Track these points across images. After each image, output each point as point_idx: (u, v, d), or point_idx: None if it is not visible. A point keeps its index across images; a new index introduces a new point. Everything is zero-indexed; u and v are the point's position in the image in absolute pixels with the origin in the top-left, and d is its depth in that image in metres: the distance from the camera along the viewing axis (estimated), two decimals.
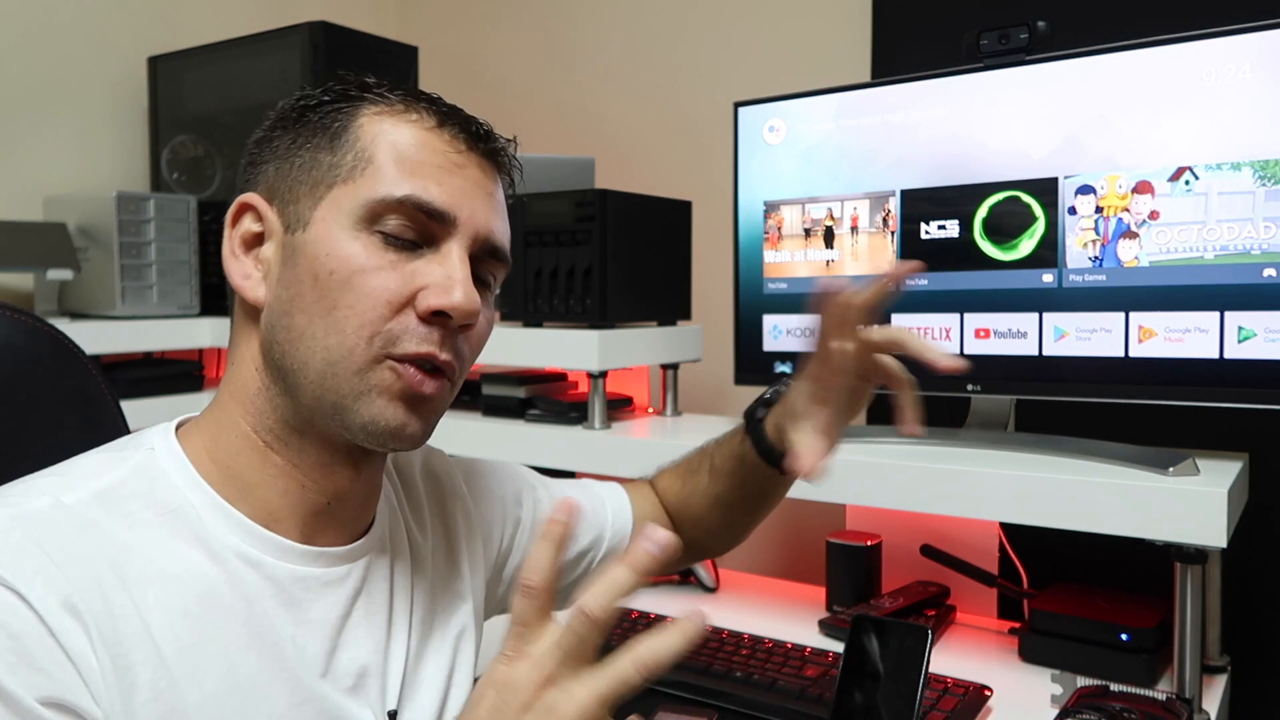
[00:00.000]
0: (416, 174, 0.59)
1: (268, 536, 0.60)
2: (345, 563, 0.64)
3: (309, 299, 0.59)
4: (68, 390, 0.78)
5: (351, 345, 0.58)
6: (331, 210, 0.59)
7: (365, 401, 0.59)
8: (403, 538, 0.71)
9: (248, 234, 0.62)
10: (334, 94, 0.62)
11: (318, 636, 0.61)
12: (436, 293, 0.59)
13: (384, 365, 0.59)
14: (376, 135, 0.60)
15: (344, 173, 0.60)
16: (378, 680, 0.65)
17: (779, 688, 1.00)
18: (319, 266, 0.58)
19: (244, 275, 0.62)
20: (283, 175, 0.62)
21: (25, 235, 1.50)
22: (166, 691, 0.54)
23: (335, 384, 0.58)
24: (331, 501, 0.63)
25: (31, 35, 1.65)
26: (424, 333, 0.59)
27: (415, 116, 0.61)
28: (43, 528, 0.53)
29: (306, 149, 0.61)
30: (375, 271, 0.58)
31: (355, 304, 0.58)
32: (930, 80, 1.19)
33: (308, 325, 0.59)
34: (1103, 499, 0.98)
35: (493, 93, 2.04)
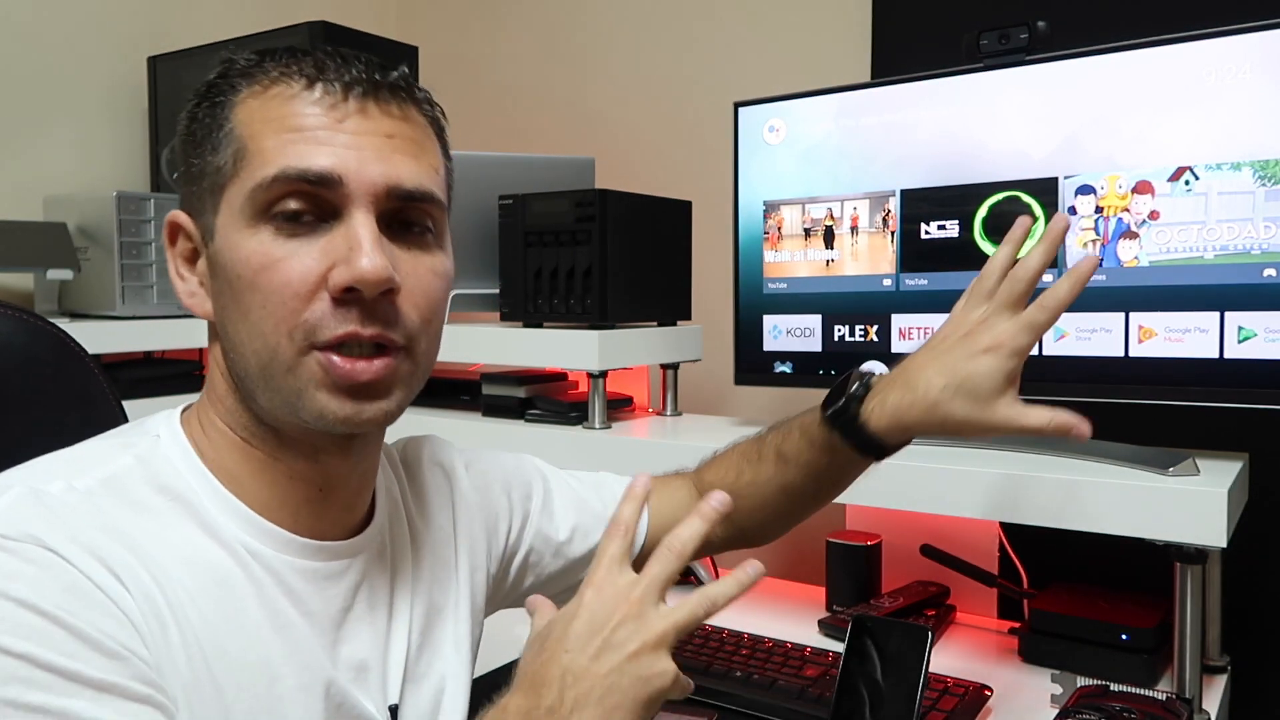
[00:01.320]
0: (289, 145, 0.56)
1: (267, 527, 0.60)
2: (345, 557, 0.64)
3: (230, 308, 0.58)
4: (70, 390, 0.78)
5: (273, 345, 0.56)
6: (227, 213, 0.58)
7: (306, 397, 0.57)
8: (404, 531, 0.71)
9: (185, 250, 0.62)
10: (209, 88, 0.60)
11: (320, 629, 0.62)
12: (341, 268, 0.56)
13: (310, 358, 0.57)
14: (248, 121, 0.57)
15: (228, 170, 0.57)
16: (378, 674, 0.65)
17: (779, 688, 1.00)
18: (229, 274, 0.57)
19: (189, 294, 0.62)
20: (189, 188, 0.61)
21: (25, 235, 1.50)
22: (197, 659, 0.55)
23: (274, 384, 0.57)
24: (323, 488, 0.63)
25: (31, 35, 1.65)
26: (341, 314, 0.56)
27: (283, 85, 0.58)
28: (65, 507, 0.54)
29: (200, 155, 0.59)
30: (276, 265, 0.56)
31: (265, 303, 0.56)
32: (930, 80, 1.19)
33: (236, 333, 0.58)
34: (1103, 499, 0.98)
35: (493, 93, 2.04)
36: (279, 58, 0.59)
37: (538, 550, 0.83)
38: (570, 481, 0.88)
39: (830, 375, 1.27)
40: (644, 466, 1.17)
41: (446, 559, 0.75)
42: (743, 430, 1.34)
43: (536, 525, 0.83)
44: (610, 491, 0.88)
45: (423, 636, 0.69)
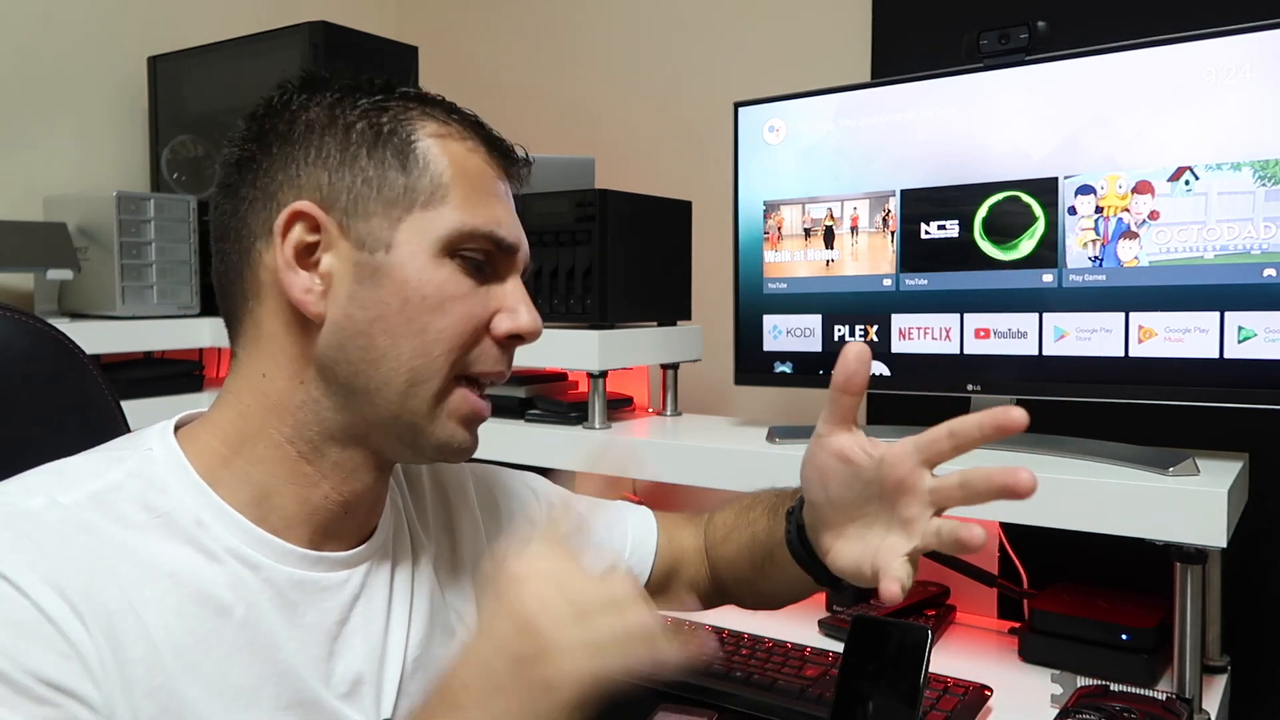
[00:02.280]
0: (485, 205, 0.63)
1: (267, 539, 0.60)
2: (345, 568, 0.64)
3: (395, 321, 0.60)
4: (69, 391, 0.78)
5: (436, 367, 0.61)
6: (415, 235, 0.60)
7: (439, 424, 0.62)
8: (406, 544, 0.71)
9: (300, 244, 0.60)
10: (377, 101, 0.62)
11: (313, 641, 0.61)
12: (511, 317, 0.63)
13: (459, 389, 0.62)
14: (444, 158, 0.61)
15: (422, 198, 0.61)
16: (373, 687, 0.65)
17: (779, 688, 1.00)
18: (409, 290, 0.60)
19: (305, 289, 0.60)
20: (343, 187, 0.60)
21: (25, 235, 1.50)
22: (163, 688, 0.54)
23: (414, 405, 0.61)
24: (346, 510, 0.63)
25: (31, 35, 1.65)
26: (498, 354, 0.64)
27: (472, 141, 0.63)
28: (39, 527, 0.53)
29: (371, 163, 0.60)
30: (463, 298, 0.61)
31: (446, 328, 0.61)
32: (930, 80, 1.19)
33: (392, 346, 0.60)
34: (1103, 499, 0.98)
35: (492, 92, 2.04)
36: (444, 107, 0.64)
37: None
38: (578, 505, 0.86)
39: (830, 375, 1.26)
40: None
41: (448, 574, 0.74)
42: (743, 430, 1.35)
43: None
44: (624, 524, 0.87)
45: (421, 649, 0.69)
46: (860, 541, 0.67)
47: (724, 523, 0.87)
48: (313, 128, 0.61)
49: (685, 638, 0.56)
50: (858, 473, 0.65)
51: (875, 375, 1.24)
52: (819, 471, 0.67)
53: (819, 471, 0.67)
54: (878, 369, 1.23)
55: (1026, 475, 0.56)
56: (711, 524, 0.89)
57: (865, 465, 0.65)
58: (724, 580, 0.87)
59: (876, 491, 0.65)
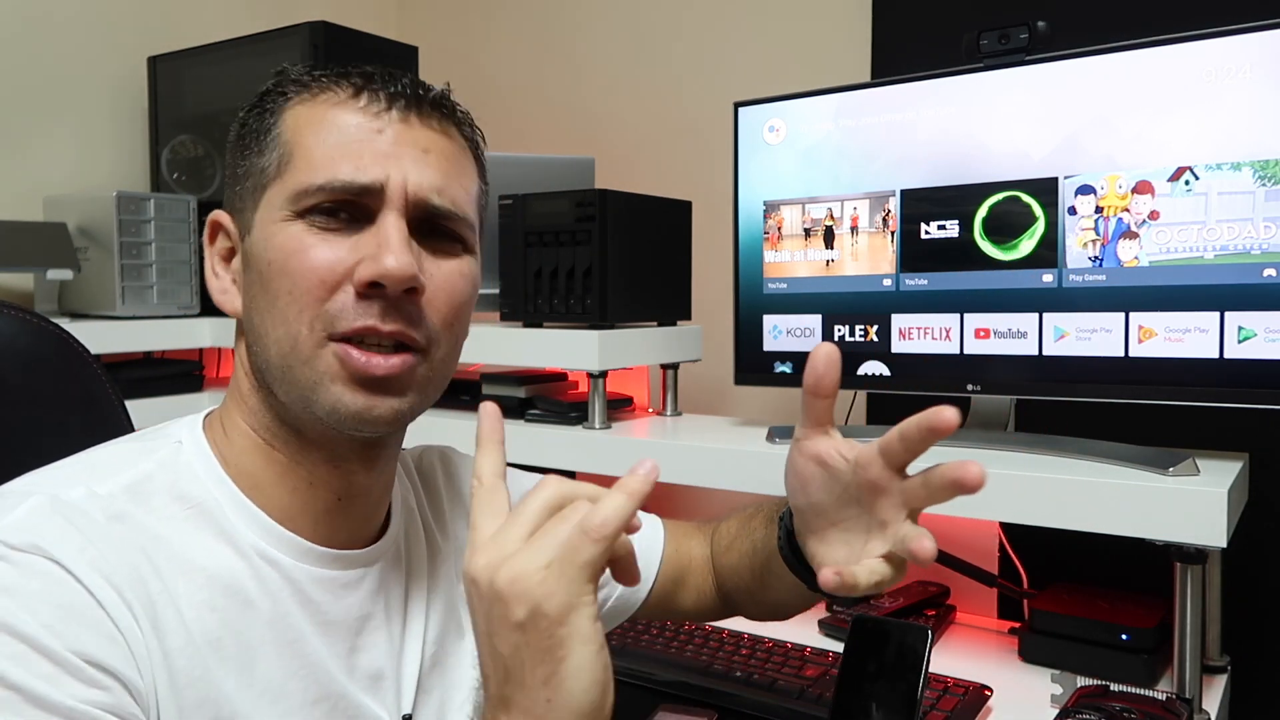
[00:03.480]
0: (333, 154, 0.58)
1: (286, 536, 0.61)
2: (362, 565, 0.64)
3: (260, 298, 0.60)
4: (73, 390, 0.78)
5: (295, 332, 0.58)
6: (266, 210, 0.60)
7: (321, 390, 0.58)
8: (420, 541, 0.71)
9: (223, 250, 0.64)
10: (259, 97, 0.63)
11: (335, 638, 0.62)
12: (367, 263, 0.57)
13: (328, 349, 0.58)
14: (296, 126, 0.60)
15: (272, 171, 0.60)
16: (393, 682, 0.65)
17: (779, 688, 1.00)
18: (260, 262, 0.59)
19: (221, 290, 0.64)
20: (233, 188, 0.63)
21: (25, 235, 1.50)
22: (202, 679, 0.55)
23: (292, 376, 0.58)
24: (342, 499, 0.63)
25: (31, 35, 1.65)
26: (362, 307, 0.57)
27: (330, 94, 0.60)
28: (83, 515, 0.54)
29: (246, 157, 0.62)
30: (305, 251, 0.58)
31: (292, 288, 0.58)
32: (930, 80, 1.19)
33: (261, 322, 0.60)
34: (1103, 499, 0.98)
35: (493, 93, 2.04)
36: (329, 69, 0.62)
37: None
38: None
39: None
40: None
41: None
42: (743, 430, 1.35)
43: None
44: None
45: (438, 645, 0.69)
46: (845, 546, 0.64)
47: (728, 532, 0.87)
48: (231, 139, 0.65)
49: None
50: (835, 476, 0.63)
51: (875, 375, 1.24)
52: (799, 477, 0.65)
53: (799, 477, 0.65)
54: (878, 369, 1.23)
55: (975, 468, 0.54)
56: (717, 533, 0.89)
57: (842, 469, 0.62)
58: (729, 590, 0.86)
59: (854, 495, 0.62)
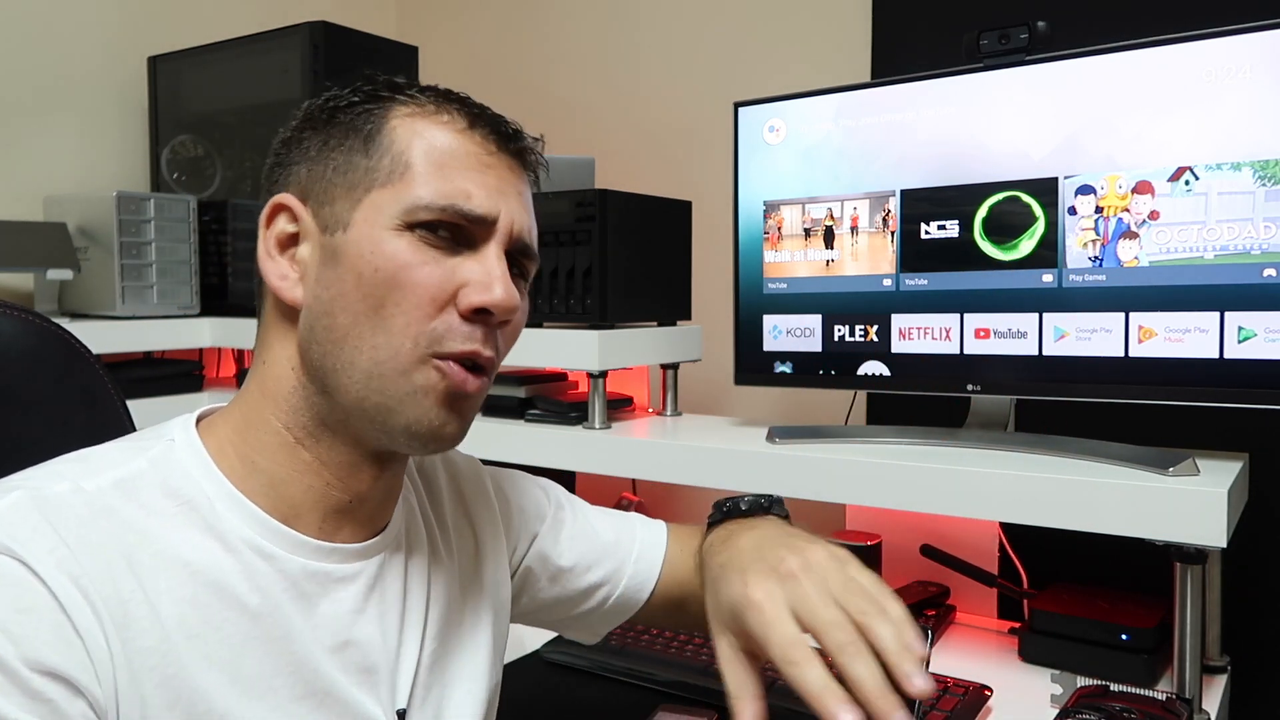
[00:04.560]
0: (452, 178, 0.60)
1: (281, 530, 0.61)
2: (358, 559, 0.64)
3: (353, 298, 0.59)
4: (75, 390, 0.78)
5: (398, 345, 0.59)
6: (371, 212, 0.60)
7: (411, 402, 0.59)
8: (421, 539, 0.71)
9: (283, 234, 0.62)
10: (364, 94, 0.63)
11: (327, 631, 0.62)
12: (478, 290, 0.59)
13: (429, 365, 0.59)
14: (411, 138, 0.61)
15: (381, 176, 0.60)
16: (388, 678, 0.65)
17: (779, 688, 0.99)
18: (363, 265, 0.59)
19: (281, 276, 0.62)
20: (316, 177, 0.62)
21: (25, 235, 1.50)
22: (176, 677, 0.54)
23: (381, 385, 0.59)
24: (353, 500, 0.64)
25: (32, 35, 1.65)
26: (467, 331, 0.60)
27: (446, 118, 0.62)
28: (59, 512, 0.54)
29: (339, 151, 0.61)
30: (419, 267, 0.59)
31: (401, 301, 0.59)
32: (930, 80, 1.19)
33: (352, 325, 0.59)
34: (1103, 499, 0.98)
35: (493, 93, 2.02)
36: (430, 92, 0.63)
37: (535, 571, 0.82)
38: (589, 513, 0.86)
39: (830, 375, 1.27)
40: (644, 467, 1.16)
41: (469, 570, 0.74)
42: (743, 430, 1.35)
43: (539, 545, 0.82)
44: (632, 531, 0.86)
45: (438, 642, 0.69)
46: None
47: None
48: (303, 128, 0.64)
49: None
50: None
51: (875, 375, 1.24)
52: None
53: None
54: (878, 369, 1.24)
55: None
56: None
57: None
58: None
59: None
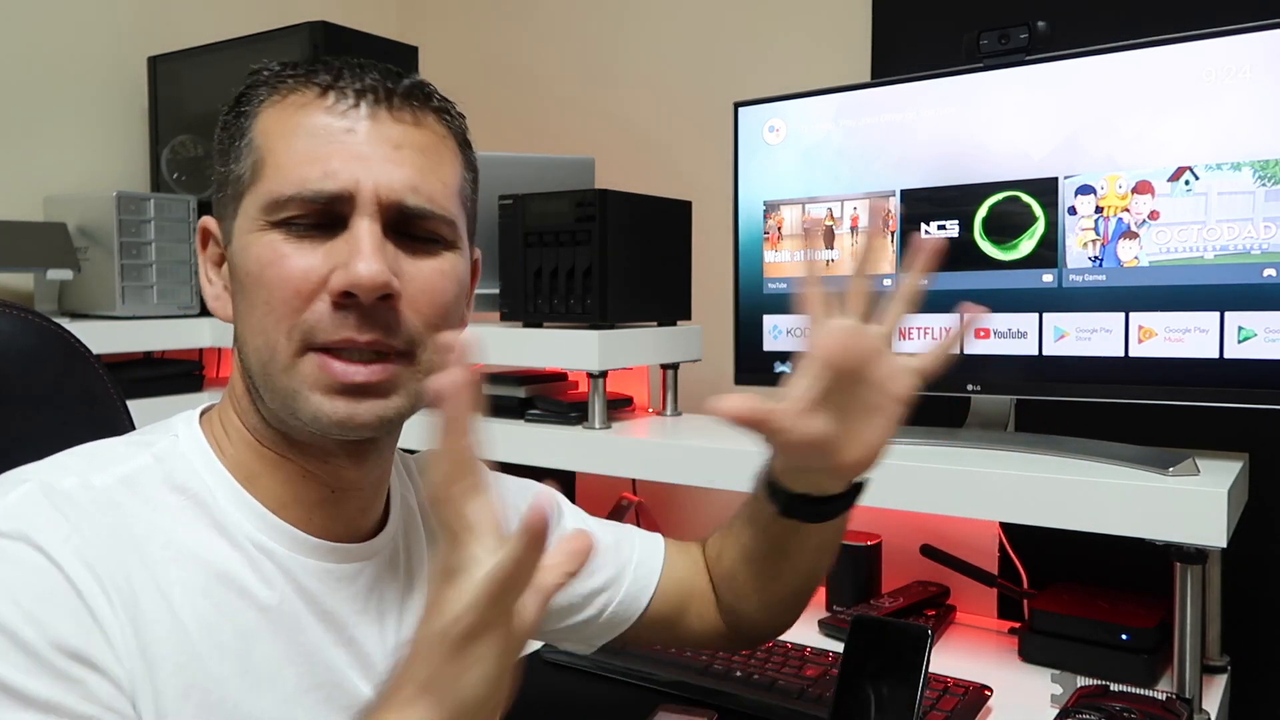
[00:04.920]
0: (302, 161, 0.57)
1: (282, 526, 0.61)
2: (358, 560, 0.65)
3: (240, 307, 0.60)
4: (75, 390, 0.78)
5: (273, 342, 0.57)
6: (243, 219, 0.60)
7: (301, 398, 0.57)
8: (420, 540, 0.72)
9: (214, 255, 0.65)
10: (237, 99, 0.63)
11: (333, 628, 0.62)
12: (340, 272, 0.56)
13: (306, 359, 0.57)
14: (266, 131, 0.59)
15: (246, 179, 0.60)
16: None
17: (779, 688, 1.00)
18: (239, 272, 0.60)
19: (215, 297, 0.65)
20: (218, 195, 0.63)
21: (25, 235, 1.50)
22: (188, 665, 0.55)
23: (273, 383, 0.58)
24: (335, 491, 0.63)
25: (31, 35, 1.64)
26: (338, 318, 0.56)
27: (298, 94, 0.59)
28: (71, 504, 0.54)
29: (225, 163, 0.62)
30: (280, 261, 0.57)
31: (269, 298, 0.57)
32: (930, 80, 1.19)
33: (243, 331, 0.60)
34: (1103, 499, 0.98)
35: (493, 93, 2.04)
36: (299, 67, 0.61)
37: None
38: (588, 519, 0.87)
39: None
40: (644, 467, 1.16)
41: None
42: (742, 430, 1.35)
43: None
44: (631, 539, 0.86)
45: None
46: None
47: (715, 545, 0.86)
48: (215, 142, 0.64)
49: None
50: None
51: None
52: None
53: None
54: None
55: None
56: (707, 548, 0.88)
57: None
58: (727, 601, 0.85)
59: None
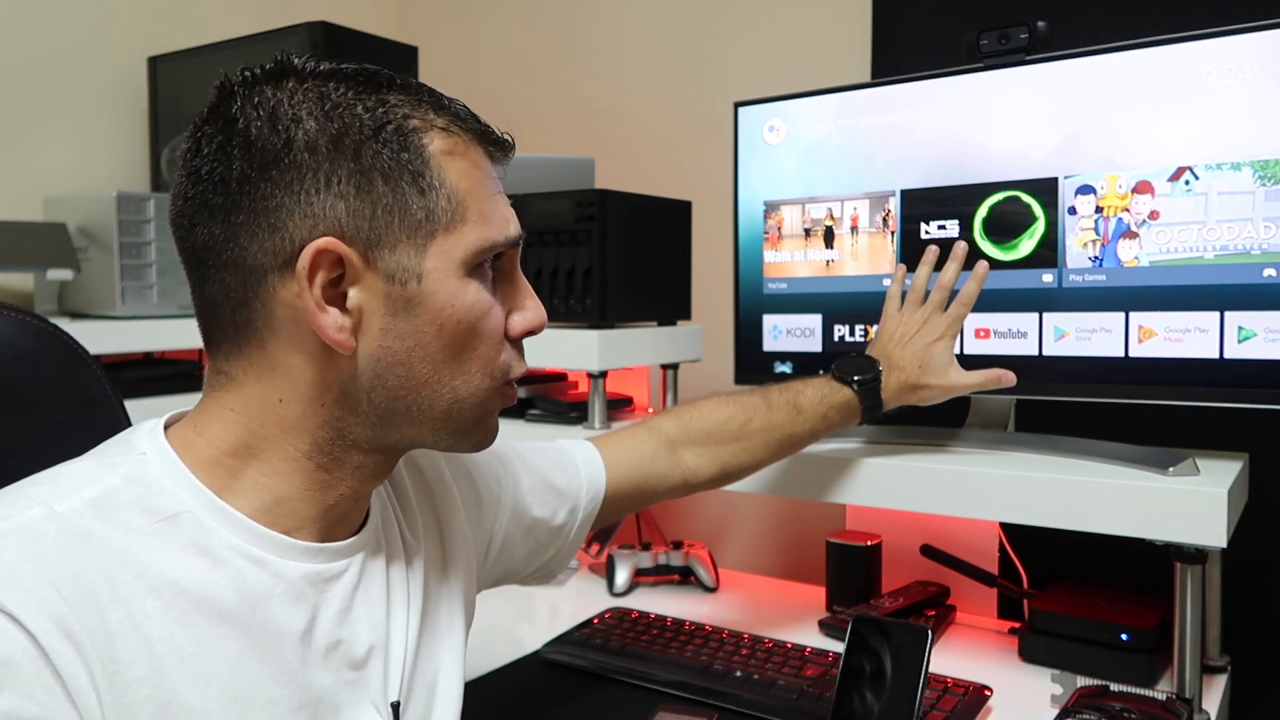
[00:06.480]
0: (491, 210, 0.63)
1: (269, 535, 0.60)
2: (343, 557, 0.65)
3: (433, 348, 0.61)
4: (72, 391, 0.78)
5: (478, 383, 0.63)
6: (442, 260, 0.60)
7: (484, 426, 0.66)
8: (396, 536, 0.72)
9: (325, 281, 0.58)
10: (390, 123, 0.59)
11: (320, 631, 0.62)
12: (523, 316, 0.66)
13: (498, 392, 0.66)
14: (459, 176, 0.61)
15: (443, 220, 0.60)
16: (379, 672, 0.66)
17: (779, 688, 1.00)
18: (444, 318, 0.60)
19: (338, 328, 0.58)
20: (364, 218, 0.58)
21: (25, 235, 1.50)
22: (170, 703, 0.53)
23: (461, 416, 0.64)
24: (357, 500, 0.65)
25: (31, 35, 1.65)
26: (519, 354, 0.67)
27: (474, 150, 0.63)
28: (36, 542, 0.52)
29: (388, 189, 0.58)
30: (490, 312, 0.63)
31: (479, 345, 0.63)
32: (930, 80, 1.19)
33: (433, 373, 0.61)
34: (1103, 499, 0.98)
35: (493, 93, 2.04)
36: (458, 114, 0.63)
37: (511, 532, 0.86)
38: (530, 457, 0.91)
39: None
40: None
41: (438, 559, 0.75)
42: None
43: (511, 512, 0.86)
44: (571, 464, 0.93)
45: (419, 633, 0.70)
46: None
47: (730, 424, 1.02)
48: (316, 148, 0.57)
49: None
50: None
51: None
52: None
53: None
54: None
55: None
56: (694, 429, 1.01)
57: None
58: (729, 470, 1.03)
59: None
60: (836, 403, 1.05)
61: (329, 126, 0.58)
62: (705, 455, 1.01)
